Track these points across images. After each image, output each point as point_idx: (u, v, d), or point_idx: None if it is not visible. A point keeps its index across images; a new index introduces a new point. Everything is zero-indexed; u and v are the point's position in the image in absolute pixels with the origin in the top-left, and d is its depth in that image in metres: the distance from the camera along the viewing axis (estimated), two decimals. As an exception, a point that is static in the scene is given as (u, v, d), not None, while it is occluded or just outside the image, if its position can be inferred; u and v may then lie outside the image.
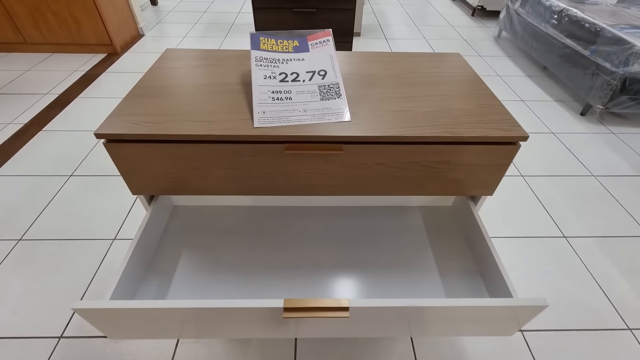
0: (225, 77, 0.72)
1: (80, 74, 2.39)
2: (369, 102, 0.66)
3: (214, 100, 0.65)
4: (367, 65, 0.79)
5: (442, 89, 0.70)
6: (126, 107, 0.62)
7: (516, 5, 2.81)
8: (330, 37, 0.71)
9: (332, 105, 0.62)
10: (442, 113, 0.63)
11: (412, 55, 0.83)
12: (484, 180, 0.65)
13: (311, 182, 0.65)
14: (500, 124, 0.60)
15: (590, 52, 2.01)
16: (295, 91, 0.64)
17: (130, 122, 0.57)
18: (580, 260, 1.29)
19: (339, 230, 0.78)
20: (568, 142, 1.90)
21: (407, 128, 0.59)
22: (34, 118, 1.94)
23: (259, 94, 0.62)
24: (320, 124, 0.59)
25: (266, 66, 0.66)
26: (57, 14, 2.44)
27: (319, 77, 0.66)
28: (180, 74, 0.72)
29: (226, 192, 0.66)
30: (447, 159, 0.61)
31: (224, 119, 0.59)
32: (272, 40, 0.70)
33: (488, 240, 0.66)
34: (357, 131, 0.58)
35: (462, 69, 0.78)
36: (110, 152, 0.58)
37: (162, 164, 0.61)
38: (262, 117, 0.60)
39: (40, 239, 1.30)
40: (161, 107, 0.62)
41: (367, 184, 0.66)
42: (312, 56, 0.69)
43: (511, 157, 0.61)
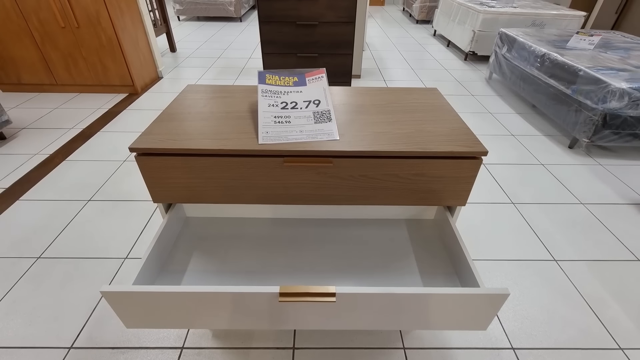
0: (236, 106, 0.86)
1: (103, 111, 2.62)
2: (356, 125, 0.78)
3: (227, 124, 0.78)
4: (357, 97, 0.93)
5: (419, 116, 0.83)
6: (154, 128, 0.75)
7: (503, 50, 3.07)
8: (324, 74, 0.86)
9: (324, 127, 0.75)
10: (417, 134, 0.75)
11: (396, 89, 0.97)
12: (455, 192, 0.75)
13: (306, 192, 0.76)
14: (465, 142, 0.71)
15: (572, 91, 2.18)
16: (294, 116, 0.77)
17: (157, 140, 0.70)
18: (571, 282, 1.34)
19: (331, 238, 0.87)
20: (557, 172, 2.00)
21: (386, 145, 0.70)
22: (59, 149, 2.12)
23: (263, 118, 0.75)
24: (314, 141, 0.71)
25: (270, 97, 0.80)
26: (87, 59, 2.72)
27: (314, 106, 0.79)
28: (199, 104, 0.87)
29: (234, 200, 0.77)
30: (422, 171, 0.72)
31: (234, 138, 0.72)
32: (276, 76, 0.85)
33: (462, 244, 0.74)
34: (344, 147, 0.69)
35: (438, 100, 0.92)
36: (140, 164, 0.70)
37: (182, 174, 0.72)
38: (265, 136, 0.72)
39: (57, 257, 1.39)
40: (182, 128, 0.75)
41: (354, 194, 0.76)
42: (308, 89, 0.83)
43: (476, 170, 0.71)
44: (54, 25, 2.56)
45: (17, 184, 1.81)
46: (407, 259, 0.80)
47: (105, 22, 2.56)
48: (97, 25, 2.57)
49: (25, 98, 2.78)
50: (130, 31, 2.79)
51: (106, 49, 2.69)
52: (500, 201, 1.75)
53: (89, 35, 2.61)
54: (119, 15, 2.63)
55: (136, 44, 2.88)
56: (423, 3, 5.63)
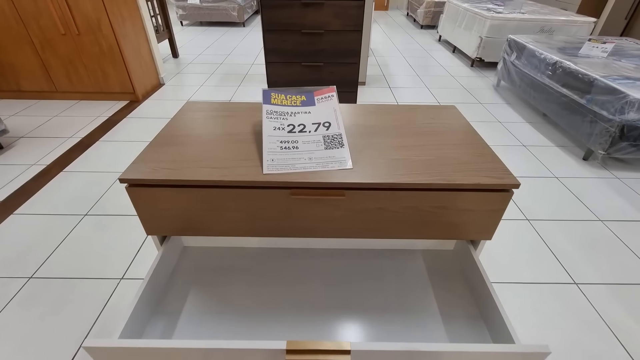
0: (238, 127, 0.79)
1: (102, 119, 2.56)
2: (370, 150, 0.71)
3: (228, 148, 0.71)
4: (368, 117, 0.86)
5: (438, 138, 0.76)
6: (149, 154, 0.68)
7: (512, 57, 3.00)
8: (334, 92, 0.79)
9: (336, 153, 0.68)
10: (438, 161, 0.67)
11: (410, 107, 0.90)
12: (481, 225, 0.68)
13: (315, 225, 0.68)
14: (493, 172, 0.64)
15: (587, 101, 2.10)
16: (302, 141, 0.70)
17: (151, 168, 0.63)
18: (594, 308, 1.25)
19: (342, 272, 0.79)
20: (572, 186, 1.91)
21: (404, 175, 0.63)
22: (57, 160, 2.06)
23: (268, 143, 0.68)
24: (324, 171, 0.64)
25: (276, 118, 0.73)
26: (87, 66, 2.67)
27: (324, 128, 0.72)
28: (199, 125, 0.80)
29: (235, 233, 0.70)
30: (444, 204, 0.64)
31: (237, 166, 0.65)
32: (282, 95, 0.78)
33: (489, 285, 0.67)
34: (358, 178, 0.62)
35: (457, 119, 0.84)
36: (131, 195, 0.63)
37: (178, 206, 0.65)
38: (270, 164, 0.65)
39: (49, 277, 1.32)
40: (180, 154, 0.68)
41: (368, 227, 0.69)
42: (317, 109, 0.76)
43: (505, 203, 0.64)
44: (54, 32, 2.52)
45: (12, 196, 1.75)
46: (426, 298, 0.73)
47: (106, 29, 2.51)
48: (98, 32, 2.52)
49: (25, 105, 2.73)
50: (132, 38, 2.74)
51: (107, 56, 2.64)
52: (514, 217, 1.67)
53: (89, 42, 2.57)
54: (120, 22, 2.58)
55: (137, 50, 2.83)
56: (428, 8, 5.57)
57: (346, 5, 1.70)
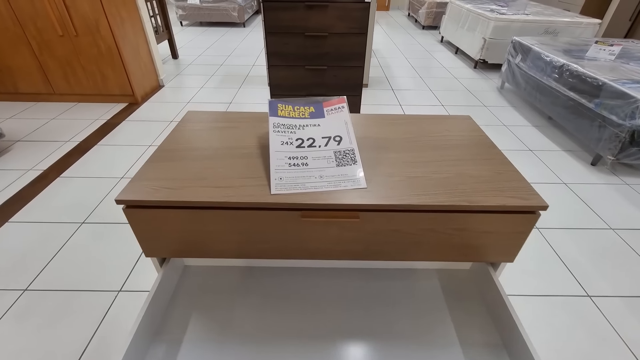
0: (242, 140, 0.75)
1: (101, 122, 2.51)
2: (384, 167, 0.67)
3: (232, 165, 0.66)
4: (380, 128, 0.81)
5: (455, 153, 0.71)
6: (147, 171, 0.63)
7: (517, 60, 2.95)
8: (345, 103, 0.74)
9: (348, 171, 0.63)
10: (457, 179, 0.63)
11: (424, 118, 0.86)
12: (503, 248, 0.64)
13: (325, 247, 0.64)
14: (517, 192, 0.60)
15: (595, 105, 2.06)
16: (312, 157, 0.65)
17: (150, 188, 0.59)
18: (608, 322, 1.21)
19: (351, 293, 0.75)
20: (581, 193, 1.87)
21: (422, 195, 0.59)
22: (54, 164, 2.01)
23: (276, 160, 0.64)
24: (337, 190, 0.60)
25: (283, 132, 0.68)
26: (85, 68, 2.62)
27: (335, 143, 0.68)
28: (200, 137, 0.75)
29: (240, 255, 0.65)
30: (465, 226, 0.60)
31: (242, 185, 0.60)
32: (289, 106, 0.73)
33: (512, 312, 0.63)
34: (373, 199, 0.58)
35: (473, 132, 0.80)
36: (129, 217, 0.59)
37: (179, 228, 0.61)
38: (279, 183, 0.60)
39: (45, 290, 1.28)
40: (180, 171, 0.64)
41: (382, 249, 0.65)
42: (327, 122, 0.72)
43: (531, 225, 0.60)
44: (52, 33, 2.47)
45: (7, 203, 1.70)
46: (443, 324, 0.68)
47: (105, 31, 2.46)
48: (96, 33, 2.47)
49: (22, 108, 2.68)
50: (131, 39, 2.69)
51: (105, 58, 2.59)
52: (523, 226, 1.63)
53: (87, 44, 2.52)
54: (119, 23, 2.53)
55: (137, 52, 2.78)
56: (429, 9, 5.53)
57: (351, 7, 1.65)
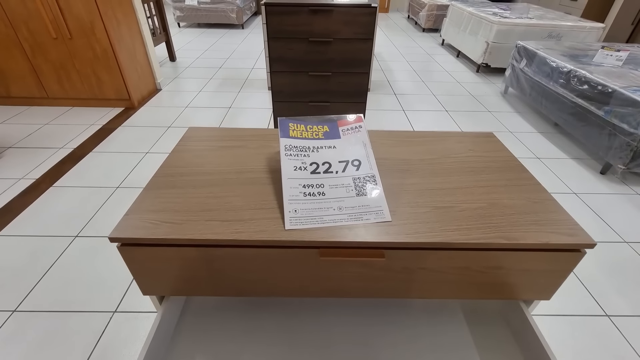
0: (250, 163, 0.68)
1: (96, 127, 2.43)
2: (408, 195, 0.61)
3: (241, 193, 0.60)
4: (398, 148, 0.75)
5: (483, 178, 0.65)
6: (145, 201, 0.57)
7: (521, 64, 2.91)
8: (362, 122, 0.68)
9: (370, 202, 0.57)
10: (490, 210, 0.57)
11: (443, 135, 0.80)
12: (540, 285, 0.58)
13: (345, 285, 0.58)
14: (559, 226, 0.54)
15: (605, 113, 2.01)
16: (329, 185, 0.59)
17: (149, 223, 0.52)
18: (630, 345, 1.16)
19: (368, 331, 0.69)
20: (592, 203, 1.82)
21: (455, 231, 0.52)
22: (46, 173, 1.93)
23: (289, 188, 0.57)
24: (358, 224, 0.53)
25: (296, 155, 0.62)
26: (80, 71, 2.54)
27: (353, 168, 0.61)
28: (203, 159, 0.69)
29: (249, 293, 0.59)
30: (501, 264, 0.54)
31: (252, 218, 0.54)
32: (302, 125, 0.67)
33: (550, 355, 0.56)
34: (399, 235, 0.52)
35: (499, 151, 0.74)
36: (124, 255, 0.52)
37: (181, 266, 0.54)
38: (293, 216, 0.54)
39: (35, 311, 1.21)
40: (183, 201, 0.57)
41: (407, 287, 0.58)
42: (343, 143, 0.65)
43: (574, 264, 0.54)
44: (46, 36, 2.39)
45: (-4, 215, 1.62)
46: (471, 367, 0.62)
47: (100, 33, 2.39)
48: (92, 36, 2.40)
49: (14, 112, 2.60)
50: (127, 42, 2.62)
51: (101, 61, 2.51)
52: (535, 239, 1.57)
53: (82, 47, 2.44)
54: (115, 25, 2.45)
55: (133, 55, 2.71)
56: (430, 11, 5.48)
57: (357, 12, 1.59)
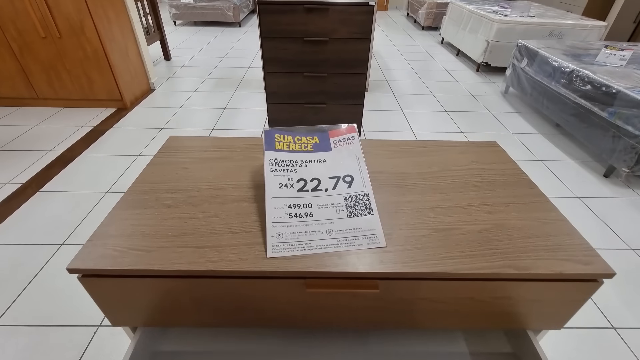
0: (233, 177, 0.62)
1: (87, 129, 2.37)
2: (405, 215, 0.55)
3: (220, 213, 0.54)
4: (395, 159, 0.69)
5: (488, 194, 0.60)
6: (113, 223, 0.51)
7: (522, 64, 2.85)
8: (356, 133, 0.62)
9: (363, 224, 0.51)
10: (496, 233, 0.51)
11: (444, 145, 0.74)
12: (551, 315, 0.52)
13: (335, 316, 0.52)
14: (573, 253, 0.48)
15: (609, 114, 1.95)
16: (317, 204, 0.53)
17: (115, 250, 0.46)
18: (638, 359, 1.11)
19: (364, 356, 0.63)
20: (596, 207, 1.77)
21: (457, 259, 0.47)
22: (33, 177, 1.87)
23: (273, 209, 0.51)
24: (349, 251, 0.48)
25: (282, 171, 0.56)
26: (70, 71, 2.48)
27: (345, 185, 0.56)
28: (182, 173, 0.63)
29: (230, 324, 0.53)
30: (509, 295, 0.49)
31: (230, 244, 0.48)
32: (289, 137, 0.61)
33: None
34: (395, 264, 0.46)
35: (504, 163, 0.68)
36: (86, 286, 0.47)
37: (151, 298, 0.49)
38: (276, 242, 0.48)
39: (15, 325, 1.15)
40: (155, 223, 0.51)
41: (404, 318, 0.53)
42: (335, 156, 0.60)
43: (590, 294, 0.48)
44: (34, 35, 2.32)
45: (-21, 222, 1.56)
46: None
47: (90, 32, 2.32)
48: (81, 35, 2.33)
49: (3, 113, 2.53)
50: (119, 41, 2.55)
51: (91, 61, 2.44)
52: (538, 246, 1.52)
53: (72, 46, 2.37)
54: (106, 24, 2.38)
55: (125, 54, 2.64)
56: (429, 9, 5.41)
57: (354, 11, 1.53)
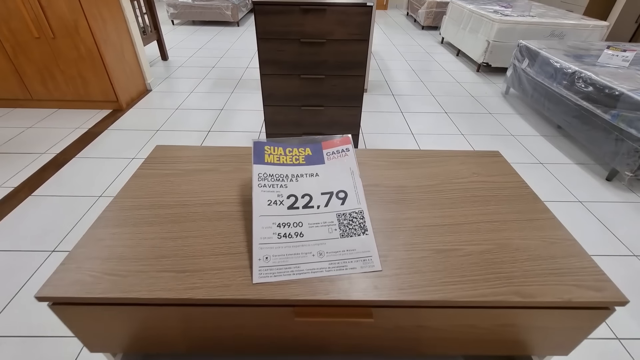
0: (221, 191, 0.59)
1: (82, 131, 2.34)
2: (402, 234, 0.52)
3: (205, 232, 0.51)
4: (392, 171, 0.66)
5: (491, 210, 0.56)
6: (89, 244, 0.48)
7: (523, 64, 2.81)
8: (350, 144, 0.59)
9: (357, 245, 0.48)
10: (499, 255, 0.48)
11: (444, 155, 0.71)
12: (558, 342, 0.49)
13: (326, 344, 0.49)
14: (583, 277, 0.45)
15: (612, 117, 1.92)
16: (308, 223, 0.50)
17: (89, 275, 0.43)
18: (642, 372, 1.08)
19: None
20: (598, 212, 1.74)
21: (457, 284, 0.43)
22: (26, 181, 1.84)
23: (260, 229, 0.48)
24: (342, 275, 0.44)
25: (271, 186, 0.53)
26: (65, 72, 2.44)
27: (338, 202, 0.52)
28: (166, 187, 0.59)
29: (214, 351, 0.50)
30: (513, 322, 0.45)
31: (213, 267, 0.45)
32: (280, 149, 0.57)
33: None
34: (391, 290, 0.43)
35: (507, 175, 0.65)
36: (58, 315, 0.43)
37: (129, 326, 0.45)
38: (263, 266, 0.45)
39: (4, 336, 1.12)
40: (134, 244, 0.48)
41: (400, 345, 0.50)
42: (328, 170, 0.56)
43: (600, 321, 0.45)
44: (27, 35, 2.28)
45: (-31, 228, 1.53)
46: None
47: (84, 32, 2.28)
48: (75, 35, 2.29)
49: (-3, 115, 2.50)
50: (114, 41, 2.51)
51: (86, 61, 2.40)
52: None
53: (66, 47, 2.33)
54: (101, 24, 2.34)
55: (121, 55, 2.60)
56: (429, 8, 5.37)
57: (352, 11, 1.49)
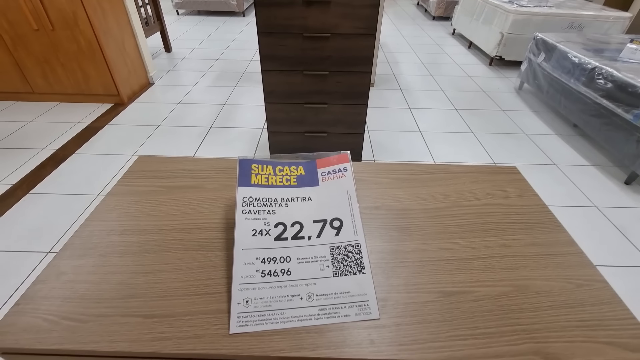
0: (203, 213, 0.53)
1: (82, 126, 2.30)
2: (404, 270, 0.45)
3: (180, 265, 0.45)
4: (396, 190, 0.59)
5: (507, 242, 0.49)
6: (49, 279, 0.42)
7: (539, 59, 2.68)
8: (348, 163, 0.52)
9: (352, 285, 0.42)
10: (517, 300, 0.41)
11: (454, 171, 0.63)
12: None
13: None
14: (617, 333, 0.38)
15: (634, 117, 1.81)
16: (297, 258, 0.43)
17: (44, 318, 0.38)
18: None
19: None
20: (616, 219, 1.65)
21: (468, 340, 0.37)
22: (24, 178, 1.81)
23: (242, 265, 0.42)
24: (333, 324, 0.38)
25: (257, 212, 0.46)
26: (65, 65, 2.40)
27: (332, 232, 0.46)
28: (143, 208, 0.54)
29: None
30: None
31: (187, 312, 0.39)
32: (269, 167, 0.51)
33: None
34: (389, 345, 0.36)
35: (525, 197, 0.58)
36: (10, 363, 0.38)
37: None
38: (243, 312, 0.39)
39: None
40: (99, 279, 0.42)
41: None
42: (322, 193, 0.50)
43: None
44: (26, 27, 2.23)
45: (-35, 227, 1.51)
46: None
47: (84, 24, 2.22)
48: (75, 27, 2.24)
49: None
50: (115, 33, 2.45)
51: (86, 54, 2.35)
52: (552, 262, 1.41)
53: (65, 39, 2.28)
54: (100, 16, 2.28)
55: (122, 47, 2.54)
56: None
57: (357, 4, 1.40)
